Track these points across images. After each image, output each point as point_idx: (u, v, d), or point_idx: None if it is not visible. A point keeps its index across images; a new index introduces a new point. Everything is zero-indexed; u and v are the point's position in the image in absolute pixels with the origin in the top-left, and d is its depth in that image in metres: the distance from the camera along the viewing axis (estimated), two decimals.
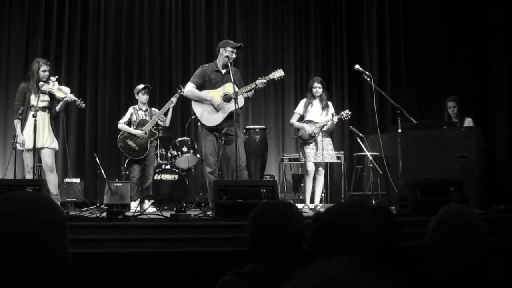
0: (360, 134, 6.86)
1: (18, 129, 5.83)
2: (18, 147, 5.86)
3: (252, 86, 5.68)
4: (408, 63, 8.74)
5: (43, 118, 5.88)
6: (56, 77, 6.06)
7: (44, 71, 5.91)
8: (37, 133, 5.67)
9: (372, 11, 9.17)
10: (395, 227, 1.30)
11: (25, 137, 5.78)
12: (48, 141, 5.89)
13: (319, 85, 6.32)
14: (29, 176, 5.72)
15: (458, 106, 6.83)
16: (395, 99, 6.04)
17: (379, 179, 6.61)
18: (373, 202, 6.11)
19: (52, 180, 5.91)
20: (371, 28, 9.19)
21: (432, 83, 8.47)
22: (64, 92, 5.95)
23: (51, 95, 5.95)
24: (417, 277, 1.83)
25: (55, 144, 6.02)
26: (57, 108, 5.99)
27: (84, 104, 6.16)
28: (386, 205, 5.66)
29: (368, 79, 5.83)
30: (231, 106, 5.54)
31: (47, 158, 5.90)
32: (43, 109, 5.89)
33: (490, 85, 7.95)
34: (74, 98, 5.97)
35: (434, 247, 1.88)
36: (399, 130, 5.61)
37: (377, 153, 6.48)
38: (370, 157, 6.52)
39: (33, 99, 5.81)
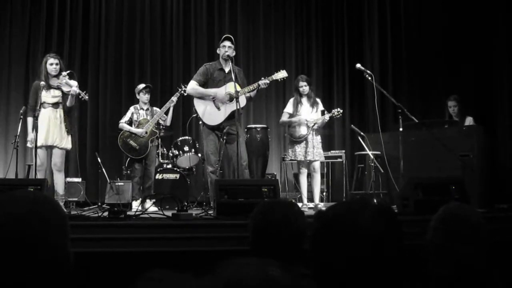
0: (362, 133, 6.86)
1: (30, 127, 5.67)
2: (29, 145, 5.73)
3: (255, 86, 5.67)
4: (409, 62, 8.74)
5: (55, 115, 5.71)
6: (68, 71, 5.88)
7: (52, 64, 5.75)
8: (47, 131, 5.59)
9: (374, 9, 9.16)
10: (396, 226, 1.30)
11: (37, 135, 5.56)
12: (58, 139, 5.69)
13: (305, 83, 6.35)
14: (39, 175, 5.55)
15: (458, 105, 6.84)
16: (396, 98, 6.03)
17: (380, 178, 6.60)
18: (375, 201, 6.11)
19: (59, 180, 5.78)
20: (372, 27, 9.19)
21: (433, 82, 8.47)
22: (70, 86, 5.75)
23: (62, 90, 5.77)
24: (419, 276, 1.83)
25: (66, 143, 5.79)
26: (67, 103, 5.78)
27: (87, 97, 5.89)
28: (387, 204, 5.67)
29: (370, 78, 5.83)
30: (233, 106, 5.53)
31: (57, 158, 5.74)
32: (55, 105, 5.72)
33: (491, 83, 7.94)
34: (78, 91, 5.73)
35: (436, 245, 1.88)
36: (401, 129, 5.61)
37: (379, 152, 6.48)
38: (372, 156, 6.51)
39: (44, 96, 5.65)
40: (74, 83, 5.81)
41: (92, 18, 8.65)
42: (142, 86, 6.80)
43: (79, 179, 7.31)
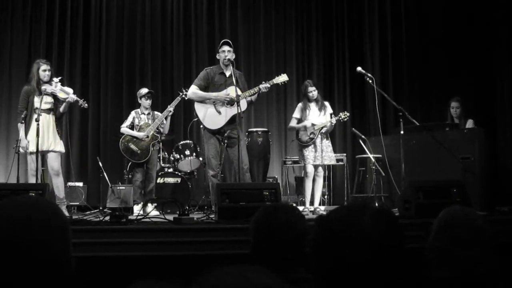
0: (363, 136, 6.86)
1: (22, 133, 5.70)
2: (21, 150, 5.75)
3: (256, 90, 5.68)
4: (410, 65, 8.74)
5: (48, 121, 5.74)
6: (59, 78, 5.91)
7: (44, 70, 5.79)
8: (42, 136, 5.58)
9: (374, 13, 9.17)
10: (397, 229, 1.30)
11: (29, 140, 5.63)
12: (53, 144, 5.74)
13: (313, 88, 6.31)
14: (32, 180, 5.57)
15: (461, 107, 6.83)
16: (397, 101, 6.04)
17: (381, 181, 6.60)
18: (376, 204, 6.11)
19: (58, 184, 5.78)
20: (372, 30, 9.19)
21: (434, 85, 8.48)
22: (66, 93, 5.79)
23: (55, 96, 5.80)
24: (421, 279, 1.83)
25: (60, 147, 5.85)
26: (61, 109, 5.83)
27: (86, 104, 5.99)
28: (388, 207, 5.66)
29: (370, 81, 5.84)
30: (233, 110, 5.54)
31: (53, 162, 5.77)
32: (47, 111, 5.76)
33: (492, 86, 7.95)
34: (76, 98, 5.80)
35: (437, 249, 1.88)
36: (402, 132, 5.61)
37: (380, 155, 6.48)
38: (373, 159, 6.51)
39: (36, 101, 5.68)
40: (69, 90, 5.87)
41: (93, 22, 8.67)
42: (144, 91, 6.77)
43: (80, 184, 7.32)
